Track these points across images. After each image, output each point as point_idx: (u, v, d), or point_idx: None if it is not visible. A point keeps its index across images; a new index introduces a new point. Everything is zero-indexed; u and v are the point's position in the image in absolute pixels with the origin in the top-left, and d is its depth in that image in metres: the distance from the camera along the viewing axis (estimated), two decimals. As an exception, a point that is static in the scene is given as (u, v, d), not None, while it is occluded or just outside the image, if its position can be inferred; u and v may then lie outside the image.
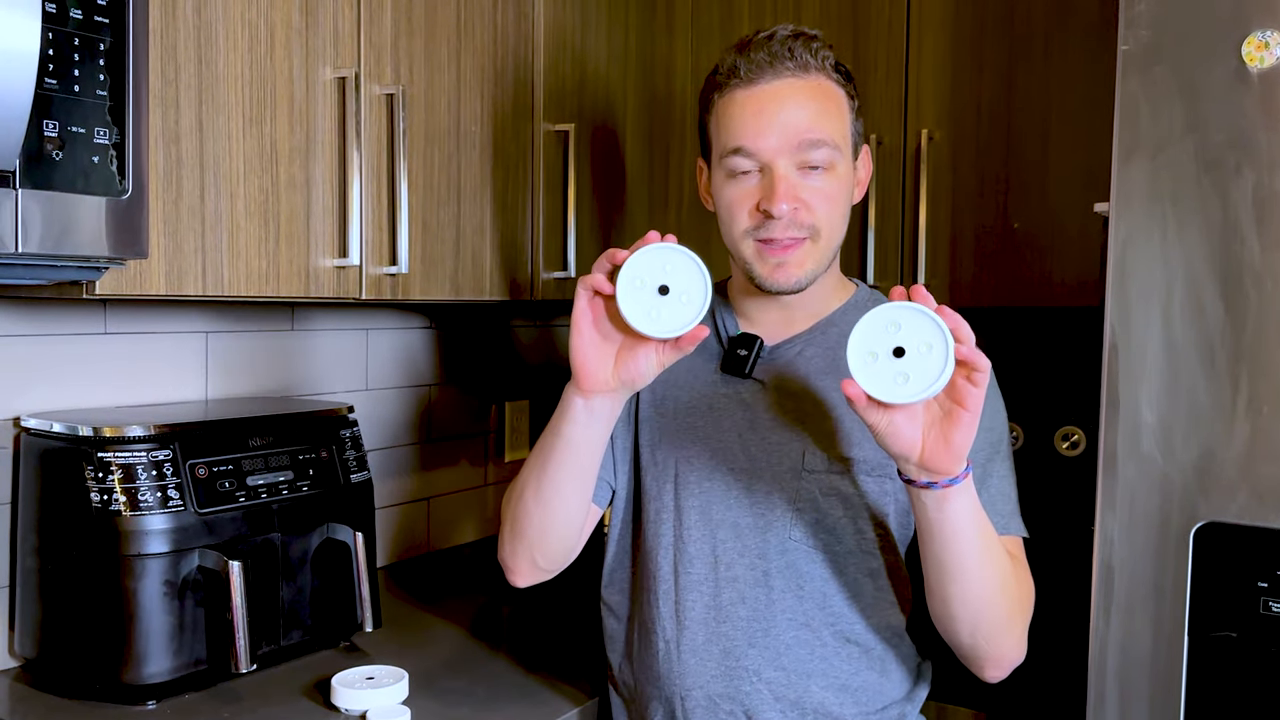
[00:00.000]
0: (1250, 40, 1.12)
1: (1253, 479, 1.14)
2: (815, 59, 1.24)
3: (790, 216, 1.22)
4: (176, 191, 1.25)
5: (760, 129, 1.22)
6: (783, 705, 1.25)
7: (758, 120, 1.23)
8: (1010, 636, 1.19)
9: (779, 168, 1.22)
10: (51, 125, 1.04)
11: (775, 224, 1.23)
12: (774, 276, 1.25)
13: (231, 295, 1.31)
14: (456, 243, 1.64)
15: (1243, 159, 1.13)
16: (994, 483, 1.25)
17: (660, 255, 1.09)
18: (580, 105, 1.88)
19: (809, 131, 1.22)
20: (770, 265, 1.25)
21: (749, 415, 1.30)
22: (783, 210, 1.21)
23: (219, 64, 1.29)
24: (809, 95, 1.23)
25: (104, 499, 1.33)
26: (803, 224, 1.23)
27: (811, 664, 1.26)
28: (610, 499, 1.40)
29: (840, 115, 1.26)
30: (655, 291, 1.08)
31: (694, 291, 1.09)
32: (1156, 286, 1.18)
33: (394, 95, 1.49)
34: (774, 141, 1.22)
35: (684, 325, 1.09)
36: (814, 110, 1.23)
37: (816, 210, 1.23)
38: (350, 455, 1.61)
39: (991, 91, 1.77)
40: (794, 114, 1.22)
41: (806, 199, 1.23)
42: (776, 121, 1.22)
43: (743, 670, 1.26)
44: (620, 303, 1.09)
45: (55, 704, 1.37)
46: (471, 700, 1.41)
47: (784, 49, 1.23)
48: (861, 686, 1.27)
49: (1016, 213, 1.75)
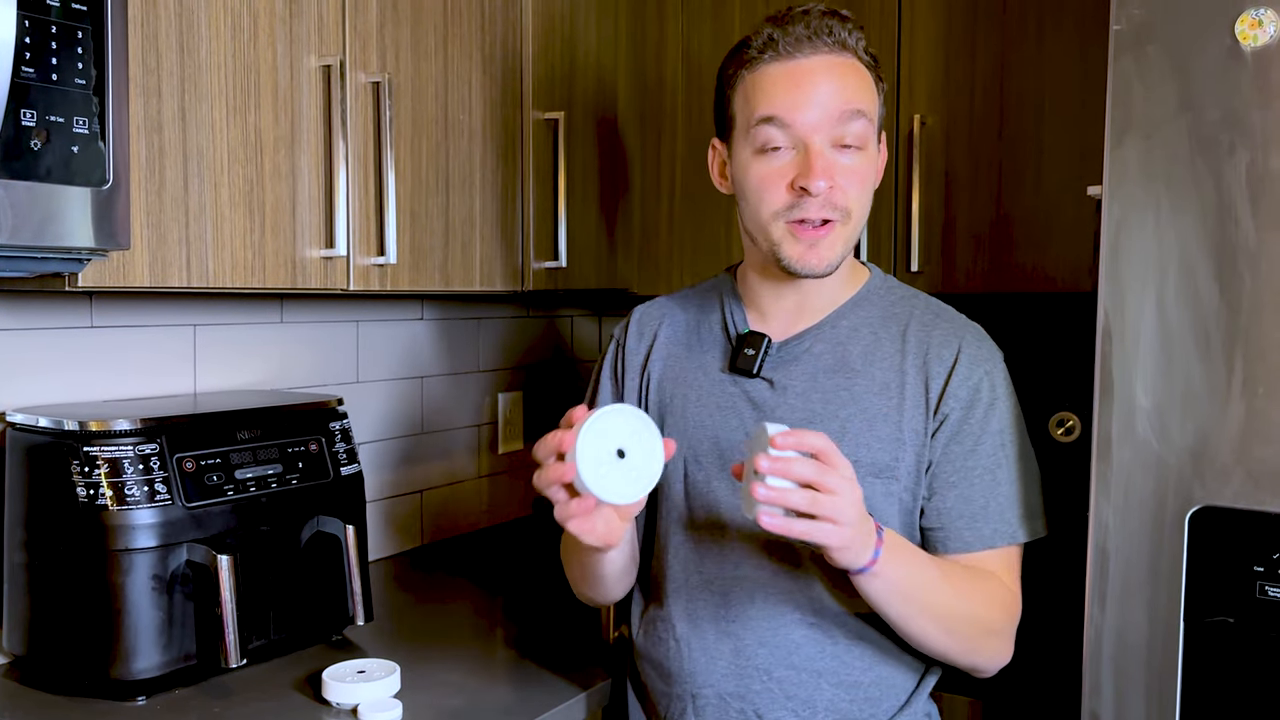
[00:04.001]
0: (1244, 18, 1.11)
1: (1248, 462, 1.13)
2: (851, 39, 1.23)
3: (826, 196, 1.20)
4: (159, 181, 1.23)
5: (798, 101, 1.20)
6: (794, 704, 1.24)
7: (795, 93, 1.20)
8: (982, 655, 1.23)
9: (815, 143, 1.20)
10: (30, 115, 1.03)
11: (810, 204, 1.20)
12: (805, 258, 1.22)
13: (216, 286, 1.30)
14: (446, 233, 1.63)
15: (1237, 138, 1.12)
16: (1002, 489, 1.24)
17: (610, 421, 1.07)
18: (570, 93, 1.87)
19: (848, 103, 1.20)
20: (802, 247, 1.22)
21: (756, 414, 1.29)
22: (820, 187, 1.19)
23: (201, 52, 1.27)
24: (847, 70, 1.22)
25: (90, 493, 1.32)
26: (836, 205, 1.21)
27: (822, 662, 1.25)
28: None
29: (873, 96, 1.25)
30: (615, 456, 1.06)
31: (651, 447, 1.08)
32: (1150, 269, 1.17)
33: (380, 83, 1.47)
34: (813, 115, 1.20)
35: (648, 486, 1.08)
36: (853, 84, 1.22)
37: (849, 191, 1.22)
38: (340, 448, 1.59)
39: (984, 75, 1.75)
40: (834, 87, 1.20)
41: (840, 179, 1.21)
42: (817, 94, 1.20)
43: (753, 669, 1.25)
44: (590, 485, 1.05)
45: (44, 700, 1.36)
46: (464, 693, 1.40)
47: (823, 25, 1.21)
48: (873, 683, 1.26)
49: (1010, 197, 1.74)
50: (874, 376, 1.26)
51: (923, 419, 1.25)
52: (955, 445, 1.24)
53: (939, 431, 1.24)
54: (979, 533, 1.23)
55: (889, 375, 1.26)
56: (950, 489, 1.24)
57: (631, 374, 1.41)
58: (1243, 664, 1.14)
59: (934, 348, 1.27)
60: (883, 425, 1.24)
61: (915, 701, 1.29)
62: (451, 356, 2.18)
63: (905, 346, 1.27)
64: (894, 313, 1.31)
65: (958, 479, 1.24)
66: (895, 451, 1.24)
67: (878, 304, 1.32)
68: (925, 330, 1.28)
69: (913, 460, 1.24)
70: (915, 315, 1.30)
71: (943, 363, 1.26)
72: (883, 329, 1.29)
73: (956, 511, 1.24)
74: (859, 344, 1.28)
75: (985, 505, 1.24)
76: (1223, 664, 1.15)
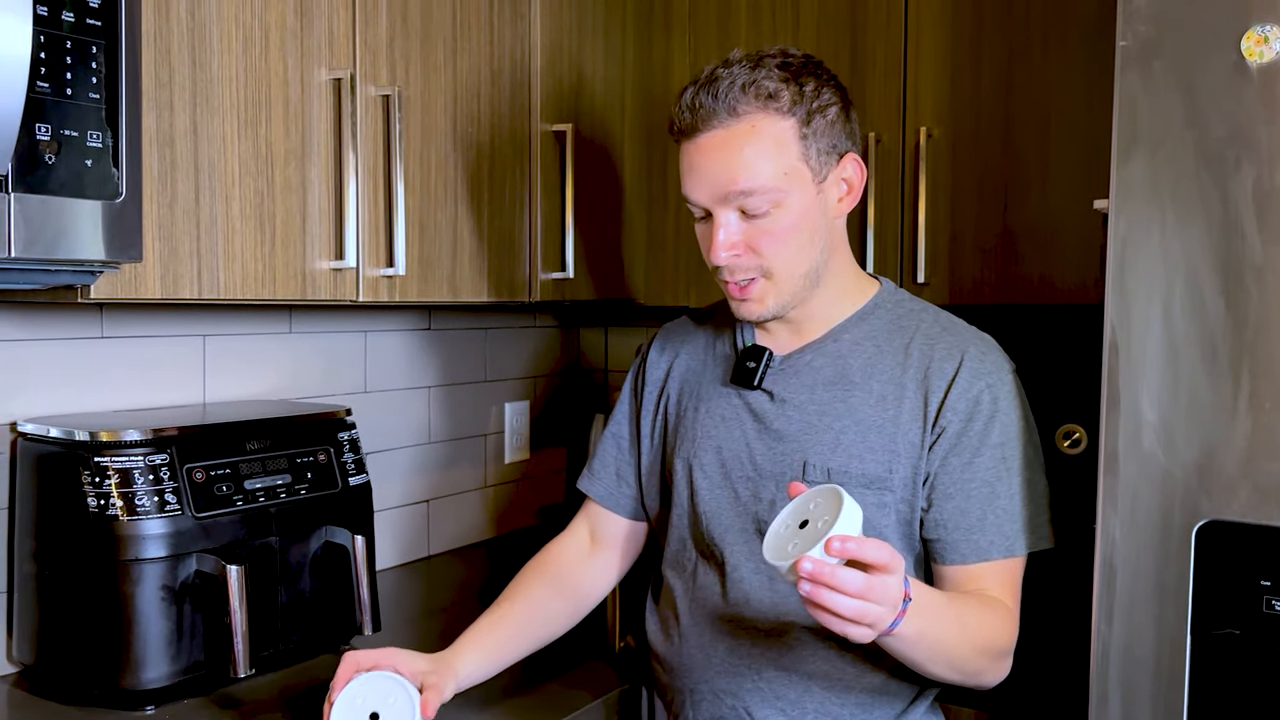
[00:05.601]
0: (1250, 34, 1.11)
1: (1255, 476, 1.13)
2: (747, 96, 1.21)
3: (733, 262, 1.25)
4: (171, 194, 1.24)
5: (694, 184, 1.26)
6: (783, 704, 1.27)
7: (692, 176, 1.26)
8: (986, 676, 1.23)
9: (719, 217, 1.24)
10: (44, 129, 1.04)
11: (723, 270, 1.27)
12: (740, 311, 1.30)
13: (227, 298, 1.31)
14: (454, 244, 1.63)
15: (1243, 154, 1.12)
16: (1001, 503, 1.25)
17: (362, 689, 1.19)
18: (577, 106, 1.88)
19: (732, 184, 1.22)
20: (736, 303, 1.29)
21: (757, 425, 1.32)
22: (721, 259, 1.25)
23: (213, 66, 1.28)
24: (735, 145, 1.22)
25: (101, 504, 1.32)
26: (749, 267, 1.25)
27: (814, 666, 1.26)
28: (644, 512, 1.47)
29: (779, 151, 1.22)
30: None
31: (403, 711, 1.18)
32: (1157, 283, 1.17)
33: (390, 97, 1.48)
34: (706, 194, 1.25)
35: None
36: (741, 161, 1.21)
37: (763, 251, 1.24)
38: (349, 458, 1.60)
39: (990, 88, 1.76)
40: (718, 169, 1.23)
41: (751, 242, 1.24)
42: (705, 176, 1.24)
43: (744, 668, 1.28)
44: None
45: (53, 710, 1.37)
46: (473, 704, 1.40)
47: (712, 97, 1.21)
48: (865, 690, 1.27)
49: (1016, 210, 1.75)
50: (872, 389, 1.28)
51: (919, 431, 1.26)
52: (954, 457, 1.25)
53: (937, 443, 1.25)
54: (975, 544, 1.24)
55: (887, 388, 1.27)
56: (948, 500, 1.25)
57: (651, 389, 1.46)
58: (1250, 678, 1.14)
59: (936, 361, 1.27)
60: (876, 437, 1.26)
61: (913, 712, 1.30)
62: (459, 367, 2.19)
63: (908, 360, 1.28)
64: (900, 326, 1.31)
65: (955, 490, 1.25)
66: (889, 463, 1.25)
67: (884, 317, 1.33)
68: (930, 343, 1.29)
69: (908, 472, 1.25)
70: (922, 329, 1.31)
71: (943, 376, 1.26)
72: (886, 342, 1.30)
73: (953, 523, 1.25)
74: (860, 357, 1.30)
75: (982, 517, 1.24)
76: (1230, 677, 1.15)
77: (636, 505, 1.45)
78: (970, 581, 1.24)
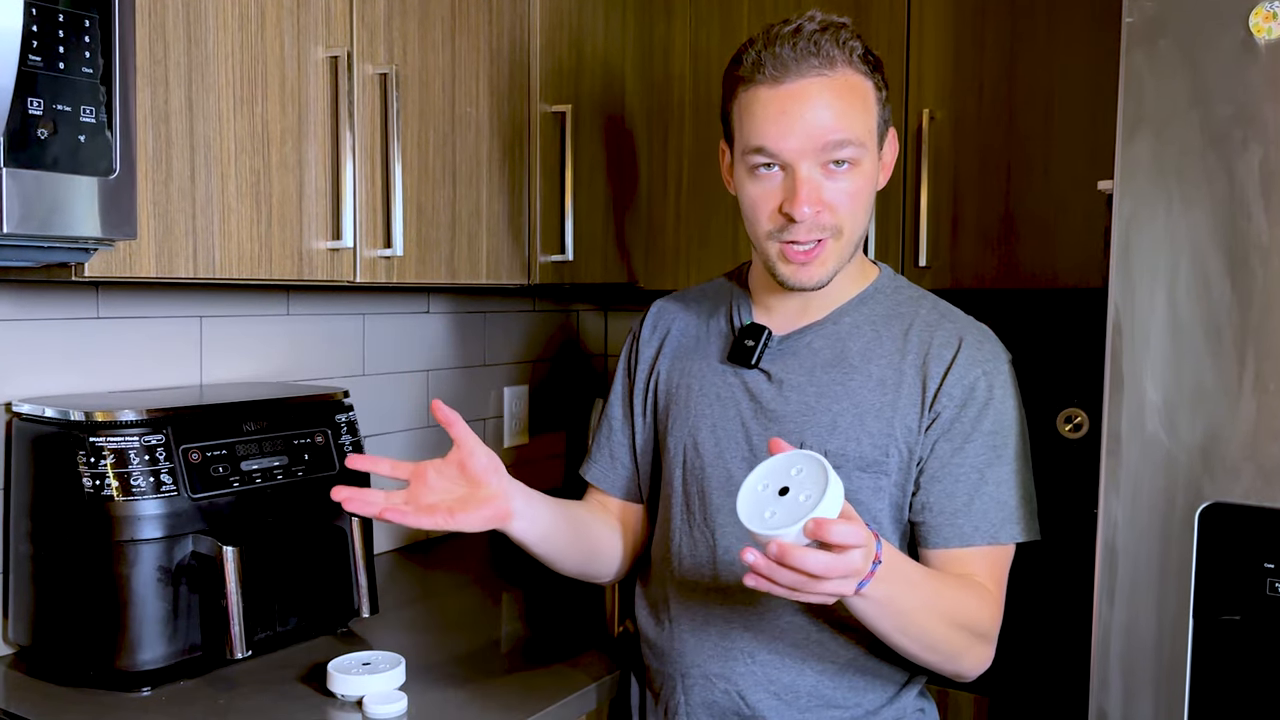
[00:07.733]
0: (1258, 10, 1.10)
1: (1259, 458, 1.12)
2: (842, 51, 1.21)
3: (813, 219, 1.21)
4: (166, 172, 1.23)
5: (783, 131, 1.20)
6: (776, 688, 1.26)
7: (780, 122, 1.20)
8: (965, 662, 1.22)
9: (802, 170, 1.20)
10: (37, 104, 1.03)
11: (798, 228, 1.22)
12: (797, 276, 1.25)
13: (223, 277, 1.30)
14: (452, 225, 1.62)
15: (1249, 133, 1.11)
16: (989, 490, 1.24)
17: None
18: (578, 86, 1.86)
19: (833, 132, 1.19)
20: (794, 266, 1.25)
21: (753, 405, 1.31)
22: (805, 214, 1.20)
23: (209, 42, 1.27)
24: (835, 94, 1.20)
25: (96, 484, 1.32)
26: (825, 225, 1.22)
27: (807, 649, 1.26)
28: (639, 493, 1.44)
29: (866, 110, 1.23)
30: None
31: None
32: (1161, 264, 1.16)
33: (388, 75, 1.47)
34: (797, 144, 1.20)
35: None
36: (839, 109, 1.20)
37: (840, 210, 1.22)
38: (346, 440, 1.59)
39: (993, 70, 1.75)
40: (819, 115, 1.19)
41: (830, 199, 1.21)
42: (800, 123, 1.19)
43: (737, 652, 1.28)
44: None
45: (50, 691, 1.36)
46: (469, 686, 1.40)
47: (810, 44, 1.20)
48: (858, 673, 1.27)
49: (1019, 192, 1.73)
50: (871, 373, 1.27)
51: (916, 416, 1.25)
52: (945, 442, 1.24)
53: (931, 428, 1.25)
54: (959, 529, 1.23)
55: (886, 372, 1.27)
56: (935, 484, 1.24)
57: (643, 367, 1.44)
58: (1252, 661, 1.14)
59: (935, 347, 1.27)
60: (874, 421, 1.25)
61: (904, 696, 1.30)
62: (458, 350, 2.18)
63: (906, 345, 1.28)
64: (899, 312, 1.31)
65: (943, 474, 1.24)
66: (885, 446, 1.24)
67: (883, 303, 1.32)
68: (929, 330, 1.28)
69: (904, 456, 1.25)
70: (920, 315, 1.30)
71: (941, 361, 1.26)
72: (885, 327, 1.29)
73: (939, 506, 1.24)
74: (859, 340, 1.29)
75: (969, 502, 1.23)
76: (1232, 661, 1.15)
77: (632, 485, 1.44)
78: (954, 566, 1.23)
